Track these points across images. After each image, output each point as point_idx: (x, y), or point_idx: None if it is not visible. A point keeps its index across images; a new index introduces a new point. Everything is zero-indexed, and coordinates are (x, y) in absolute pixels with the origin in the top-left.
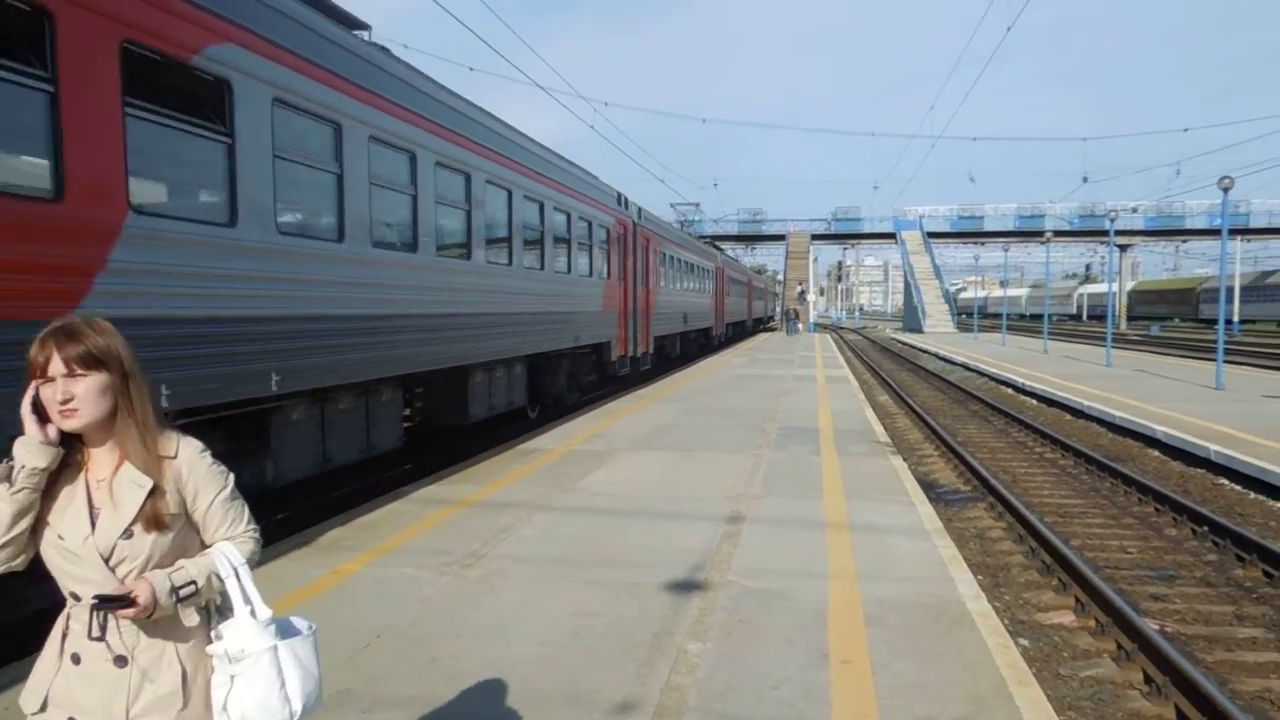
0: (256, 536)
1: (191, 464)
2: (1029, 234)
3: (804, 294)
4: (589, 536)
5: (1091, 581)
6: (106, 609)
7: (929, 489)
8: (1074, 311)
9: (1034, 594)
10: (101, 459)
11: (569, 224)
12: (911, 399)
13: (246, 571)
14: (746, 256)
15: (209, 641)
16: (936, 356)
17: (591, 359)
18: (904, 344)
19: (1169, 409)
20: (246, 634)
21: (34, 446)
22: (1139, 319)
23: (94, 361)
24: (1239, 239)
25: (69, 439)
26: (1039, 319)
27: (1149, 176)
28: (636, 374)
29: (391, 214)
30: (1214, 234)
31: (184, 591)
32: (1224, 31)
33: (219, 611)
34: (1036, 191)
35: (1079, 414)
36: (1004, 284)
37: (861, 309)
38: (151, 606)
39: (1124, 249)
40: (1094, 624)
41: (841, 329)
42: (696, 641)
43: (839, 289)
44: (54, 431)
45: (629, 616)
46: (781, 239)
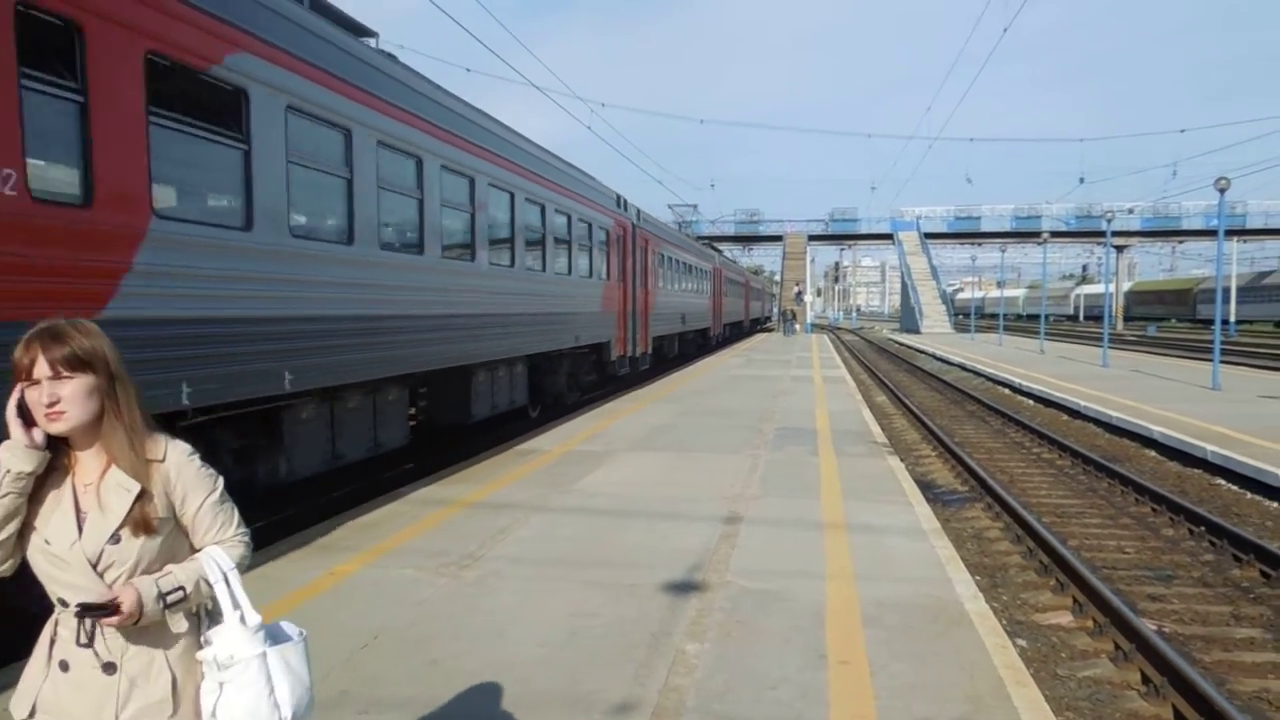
0: (247, 540)
1: (180, 467)
2: (1026, 235)
3: (801, 295)
4: (587, 537)
5: (1089, 582)
6: (90, 617)
7: (926, 489)
8: (1071, 312)
9: (1032, 594)
10: (88, 462)
11: (569, 226)
12: (909, 399)
13: (236, 576)
14: (743, 257)
15: (199, 647)
16: (933, 357)
17: (591, 359)
18: (901, 344)
19: (1166, 409)
20: (235, 640)
21: (19, 450)
22: (1136, 319)
23: (80, 363)
24: (1236, 240)
25: (55, 442)
26: (1036, 319)
27: (1146, 177)
28: (635, 374)
29: (398, 217)
30: (1210, 235)
31: (171, 598)
32: (1221, 32)
33: (209, 616)
34: (1033, 192)
35: (1076, 414)
36: (1001, 285)
37: (859, 310)
38: (137, 614)
39: (1120, 250)
40: (1092, 624)
41: (839, 330)
42: (695, 642)
43: (836, 290)
44: (40, 435)
45: (627, 617)
46: (779, 240)
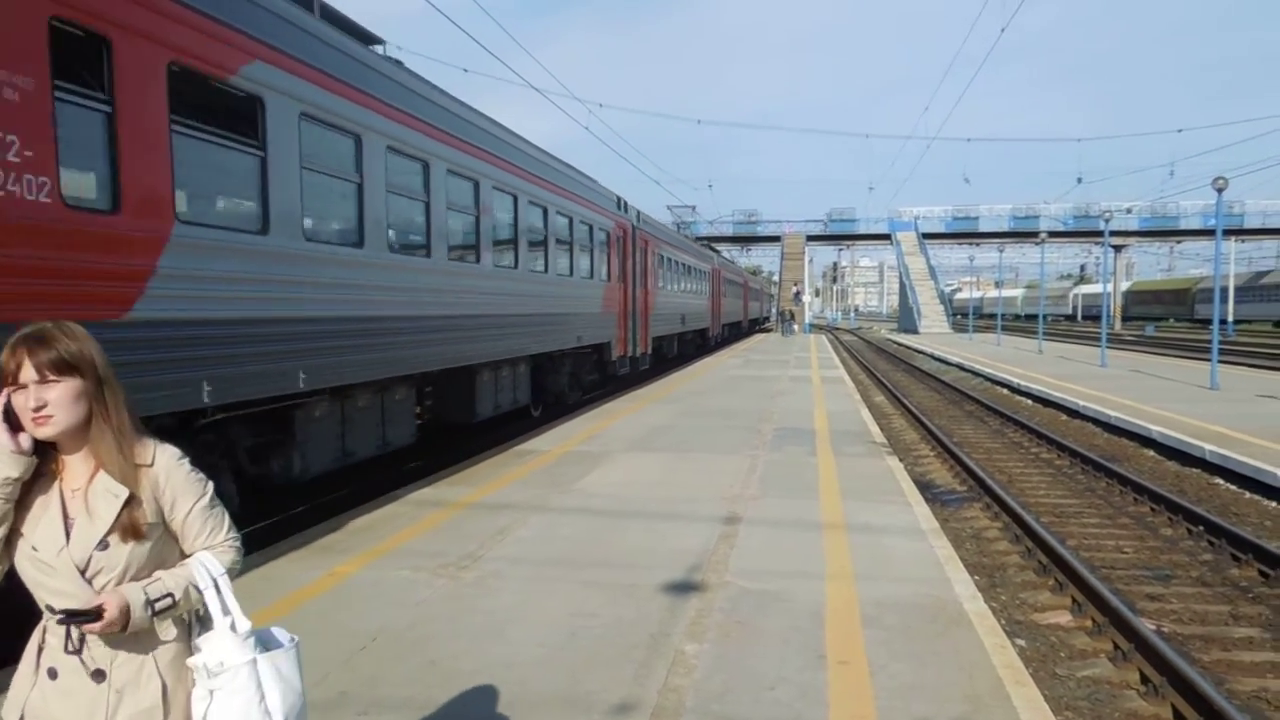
0: (237, 545)
1: (169, 471)
2: (1024, 235)
3: (799, 295)
4: (586, 538)
5: (1088, 581)
6: (73, 623)
7: (925, 489)
8: (1069, 312)
9: (1030, 594)
10: (76, 467)
11: (571, 228)
12: (907, 399)
13: (226, 582)
14: (742, 258)
15: (190, 654)
16: (932, 357)
17: (592, 359)
18: (899, 345)
19: (1164, 409)
20: (225, 647)
21: (5, 456)
22: (1135, 319)
23: (67, 367)
24: (1233, 239)
25: (43, 447)
26: (1034, 319)
27: (1143, 177)
28: (635, 374)
29: (406, 220)
30: (1208, 234)
31: (160, 605)
32: (1219, 32)
33: (200, 622)
34: (1031, 192)
35: (1074, 414)
36: (999, 285)
37: (857, 310)
38: (120, 621)
39: (1118, 249)
40: (1090, 624)
41: (837, 330)
42: (694, 642)
43: (834, 290)
44: (27, 440)
45: (626, 618)
46: (777, 240)
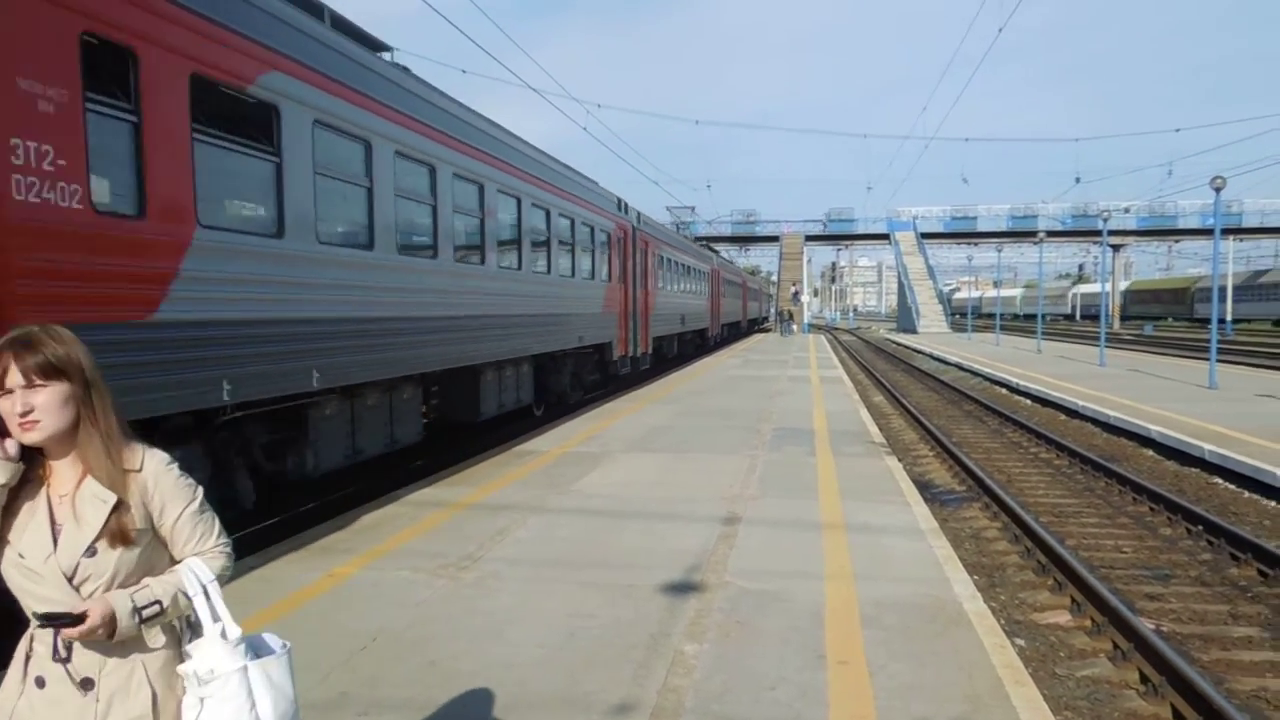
0: (228, 551)
1: (158, 476)
2: (1022, 234)
3: (798, 295)
4: (585, 538)
5: (1087, 581)
6: (52, 626)
7: (924, 489)
8: (1068, 311)
9: (1030, 594)
10: (64, 473)
11: (573, 229)
12: (906, 399)
13: (216, 588)
14: (740, 258)
15: (181, 661)
16: (931, 357)
17: (594, 359)
18: (898, 345)
19: (1163, 409)
20: (216, 654)
21: None
22: (1134, 319)
23: (54, 371)
24: (1231, 238)
25: (30, 453)
26: (1033, 319)
27: (1141, 176)
28: (635, 374)
29: (414, 223)
30: (1206, 233)
31: (147, 612)
32: (1216, 33)
33: (191, 629)
34: (1029, 192)
35: (1073, 414)
36: (998, 284)
37: (856, 310)
38: (105, 628)
39: (1117, 249)
40: (1090, 624)
41: (836, 330)
42: (693, 643)
43: (833, 290)
44: (13, 446)
45: (625, 618)
46: (775, 240)
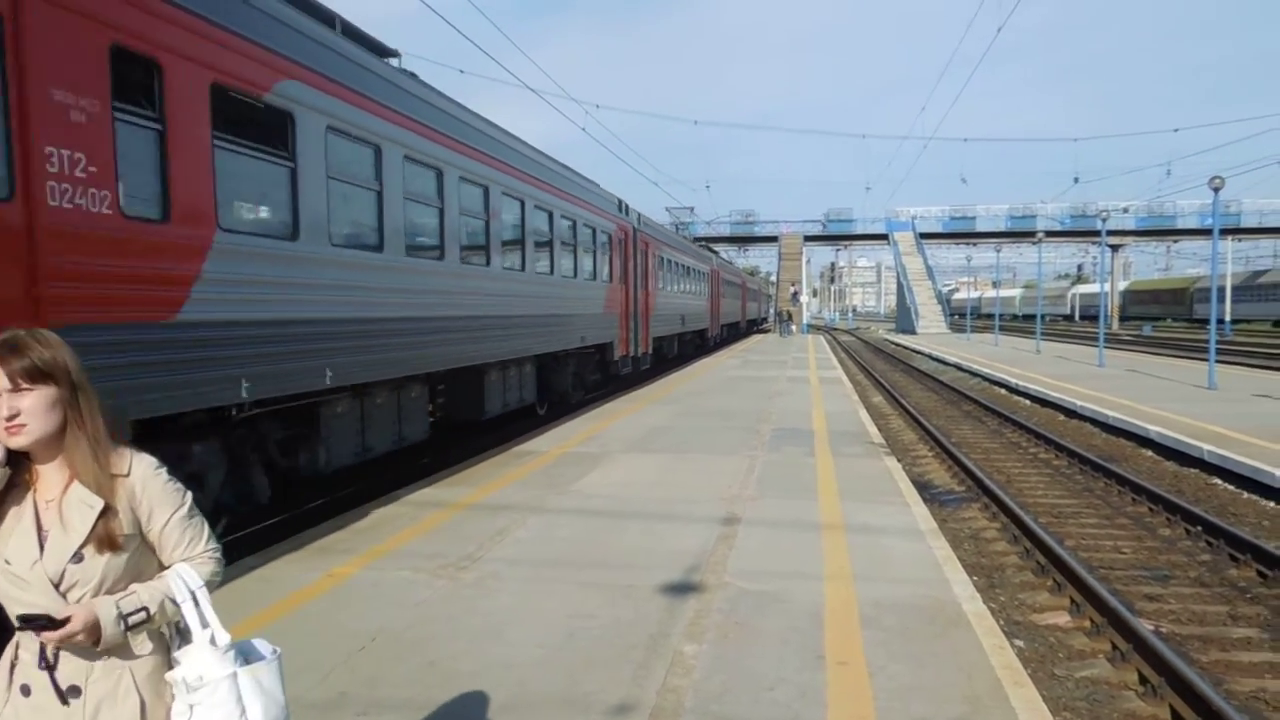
0: (217, 557)
1: (145, 481)
2: (1021, 234)
3: (797, 295)
4: (584, 539)
5: (1086, 582)
6: (31, 629)
7: (923, 490)
8: (1067, 311)
9: (1029, 595)
10: (50, 477)
11: (575, 231)
12: (905, 400)
13: (205, 594)
14: (739, 258)
15: (170, 668)
16: (930, 357)
17: (595, 359)
18: (897, 345)
19: (1162, 409)
20: (205, 661)
21: None
22: (1133, 319)
23: (40, 375)
24: (1230, 239)
25: (15, 457)
26: (1032, 319)
27: (1140, 177)
28: (635, 374)
29: (422, 225)
30: (1205, 234)
31: (133, 619)
32: (1215, 32)
33: (180, 635)
34: (1028, 192)
35: (1072, 414)
36: (996, 284)
37: (855, 310)
38: (84, 632)
39: (1115, 249)
40: (1089, 624)
41: (835, 330)
42: (693, 643)
43: (832, 290)
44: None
45: (625, 618)
46: (774, 240)
